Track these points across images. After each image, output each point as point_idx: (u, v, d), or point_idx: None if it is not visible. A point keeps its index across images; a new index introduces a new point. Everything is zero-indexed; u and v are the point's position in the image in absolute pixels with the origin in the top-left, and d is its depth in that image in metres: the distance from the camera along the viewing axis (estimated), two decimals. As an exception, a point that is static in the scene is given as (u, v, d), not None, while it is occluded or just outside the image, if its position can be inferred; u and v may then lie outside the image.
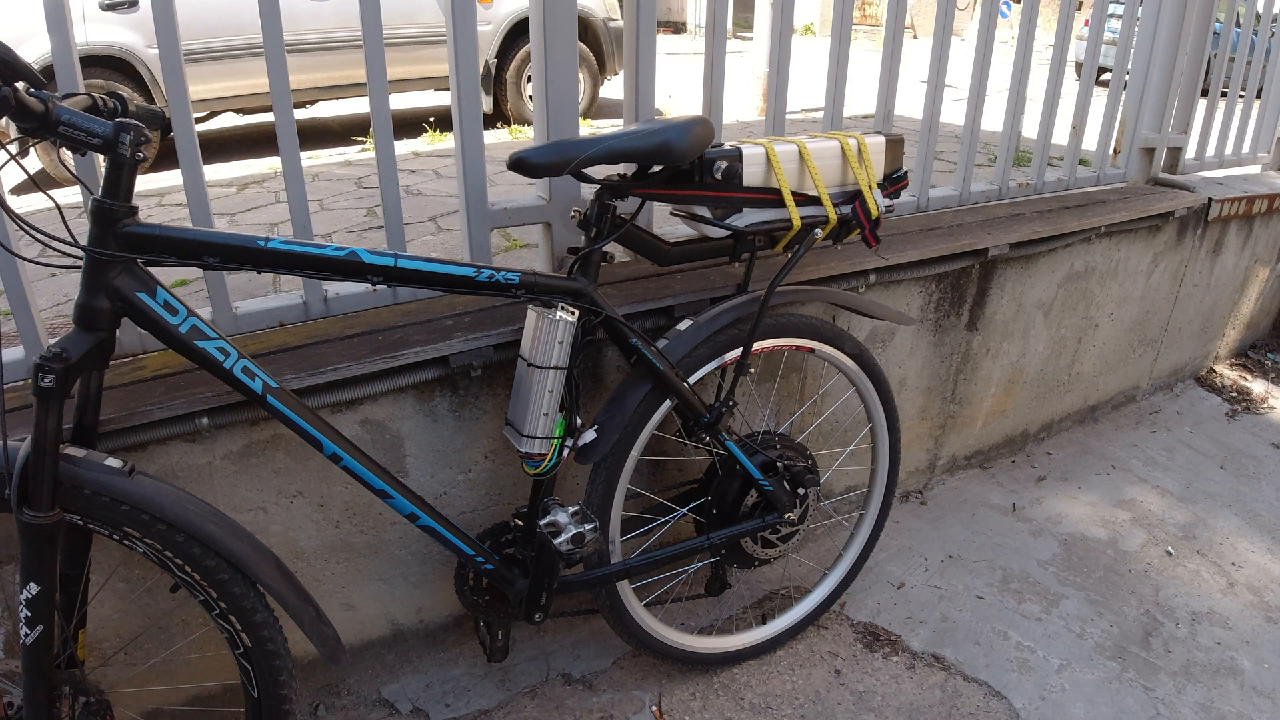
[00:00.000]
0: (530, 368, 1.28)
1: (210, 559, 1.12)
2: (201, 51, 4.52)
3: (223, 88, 4.66)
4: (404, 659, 1.70)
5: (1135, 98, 2.59)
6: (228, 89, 4.68)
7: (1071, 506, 2.31)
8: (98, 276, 1.04)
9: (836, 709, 1.65)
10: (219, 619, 1.16)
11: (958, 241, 1.93)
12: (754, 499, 1.56)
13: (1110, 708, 1.68)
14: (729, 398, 1.46)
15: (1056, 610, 1.93)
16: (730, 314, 1.47)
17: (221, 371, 1.11)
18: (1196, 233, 2.64)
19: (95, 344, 1.05)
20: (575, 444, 1.34)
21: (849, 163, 1.47)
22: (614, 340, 1.42)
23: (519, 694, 1.66)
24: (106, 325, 1.06)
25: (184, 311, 1.09)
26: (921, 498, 2.32)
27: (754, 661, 1.75)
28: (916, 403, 2.17)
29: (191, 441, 1.33)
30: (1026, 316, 2.28)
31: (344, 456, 1.19)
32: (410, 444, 1.49)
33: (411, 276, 1.18)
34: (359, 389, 1.38)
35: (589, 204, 1.32)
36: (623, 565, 1.45)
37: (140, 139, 0.99)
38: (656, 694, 1.66)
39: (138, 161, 1.00)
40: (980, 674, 1.74)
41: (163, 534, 1.09)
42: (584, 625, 1.84)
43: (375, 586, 1.59)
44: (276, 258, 1.11)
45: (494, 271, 1.23)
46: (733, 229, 1.37)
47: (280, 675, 1.20)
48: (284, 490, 1.42)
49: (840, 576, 1.81)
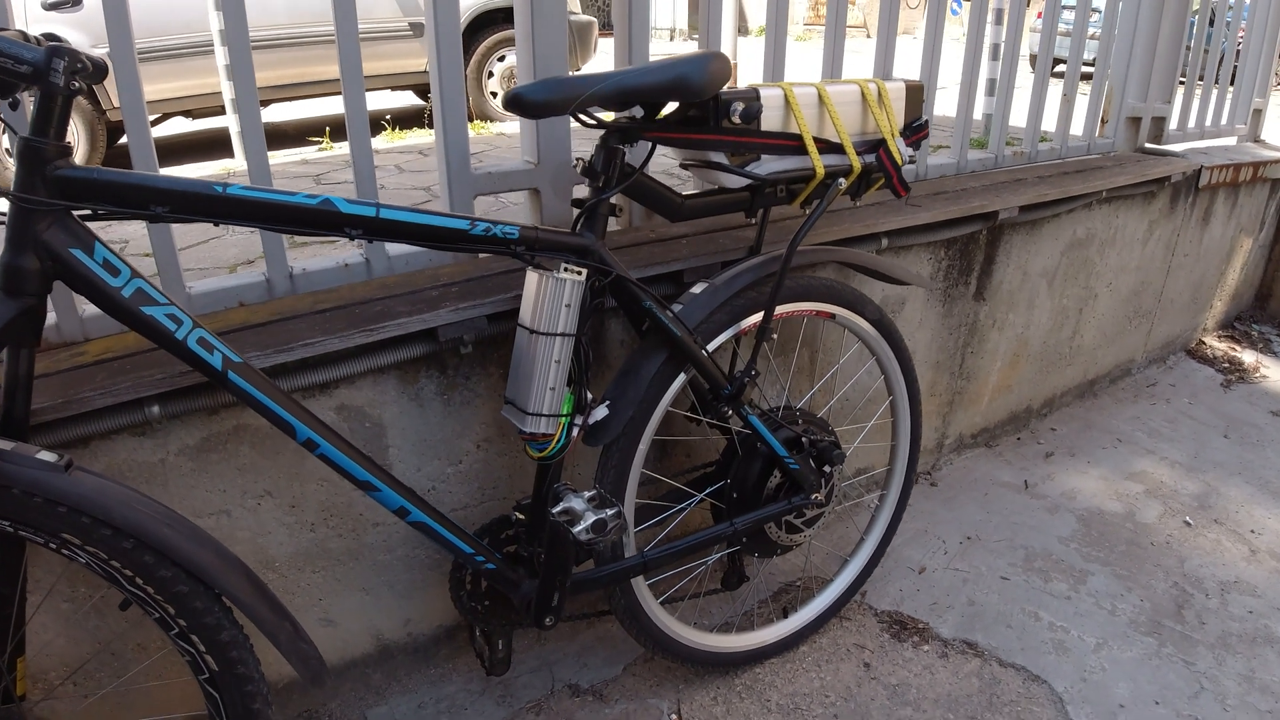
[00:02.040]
0: (533, 335, 1.13)
1: (165, 569, 0.94)
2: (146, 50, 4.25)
3: (171, 88, 4.38)
4: (391, 677, 1.51)
5: (1121, 66, 2.54)
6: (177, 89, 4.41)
7: (1083, 481, 2.23)
8: (24, 230, 0.87)
9: (870, 705, 1.52)
10: (178, 639, 0.98)
11: (968, 204, 1.83)
12: (778, 480, 1.43)
13: (1153, 685, 1.58)
14: (751, 366, 1.32)
15: (1085, 587, 1.83)
16: (749, 275, 1.34)
17: (173, 343, 0.94)
18: (1188, 201, 2.60)
19: (21, 312, 0.88)
20: (585, 422, 1.19)
21: (869, 108, 1.35)
22: (623, 306, 1.27)
23: (522, 709, 1.49)
24: (35, 290, 0.89)
25: (127, 272, 0.91)
26: (931, 479, 2.21)
27: (776, 660, 1.61)
28: (925, 378, 2.06)
29: (141, 435, 1.14)
30: (1031, 286, 2.20)
31: (321, 443, 1.03)
32: (394, 433, 1.32)
33: (396, 229, 1.02)
34: (334, 369, 1.20)
35: (594, 150, 1.18)
36: (640, 558, 1.30)
37: (76, 67, 0.84)
38: (675, 701, 1.51)
39: (72, 94, 0.85)
40: (1016, 658, 1.63)
41: (107, 540, 0.91)
42: (588, 630, 1.68)
43: (357, 598, 1.41)
44: (237, 207, 0.94)
45: (490, 225, 1.08)
46: (754, 176, 1.23)
47: (253, 703, 1.02)
48: (250, 490, 1.24)
49: (863, 562, 1.69)
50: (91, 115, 4.08)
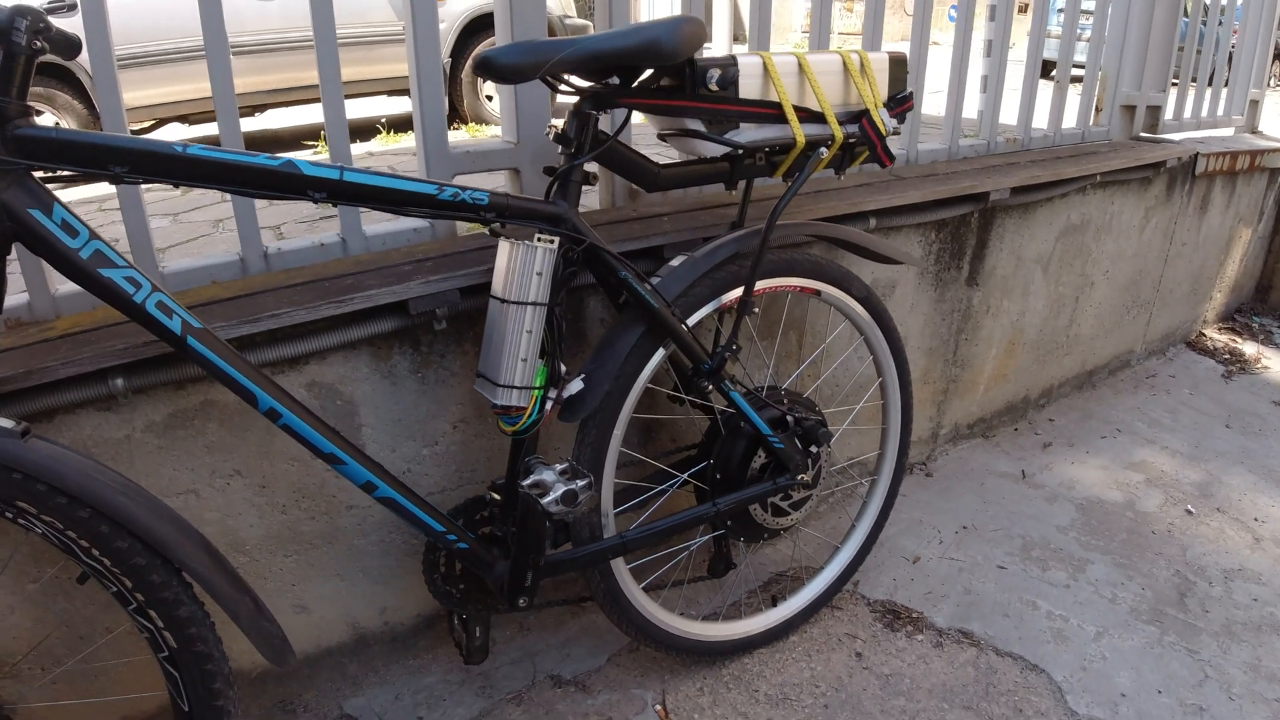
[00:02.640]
0: (504, 305, 1.10)
1: (122, 539, 0.91)
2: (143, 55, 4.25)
3: (166, 93, 4.39)
4: (369, 668, 1.47)
5: (1115, 54, 2.52)
6: (172, 94, 4.41)
7: (1082, 471, 2.18)
8: None
9: (862, 695, 1.47)
10: (136, 615, 0.95)
11: (958, 184, 1.80)
12: (762, 460, 1.39)
13: (1156, 674, 1.53)
14: (732, 341, 1.29)
15: (1084, 576, 1.78)
16: (730, 247, 1.30)
17: (131, 307, 0.91)
18: (1185, 188, 2.57)
19: None
20: (559, 396, 1.16)
21: (852, 78, 1.32)
22: (599, 279, 1.24)
23: (503, 700, 1.45)
24: None
25: (86, 233, 0.89)
26: (926, 469, 2.17)
27: (765, 650, 1.57)
28: (919, 365, 2.03)
29: (106, 410, 1.11)
30: (1026, 271, 2.16)
31: (284, 413, 0.99)
32: (366, 411, 1.29)
33: (361, 193, 1.00)
34: (304, 342, 1.17)
35: (567, 117, 1.15)
36: (618, 539, 1.26)
37: (39, 26, 0.82)
38: (660, 692, 1.47)
39: (35, 53, 0.83)
40: (1014, 647, 1.58)
41: (63, 509, 0.89)
42: (573, 621, 1.64)
43: (332, 584, 1.37)
44: (197, 167, 0.92)
45: (458, 190, 1.05)
46: (732, 144, 1.21)
47: (213, 682, 0.99)
48: (218, 469, 1.21)
49: (855, 549, 1.65)
50: (86, 117, 4.08)
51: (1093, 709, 1.45)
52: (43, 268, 1.16)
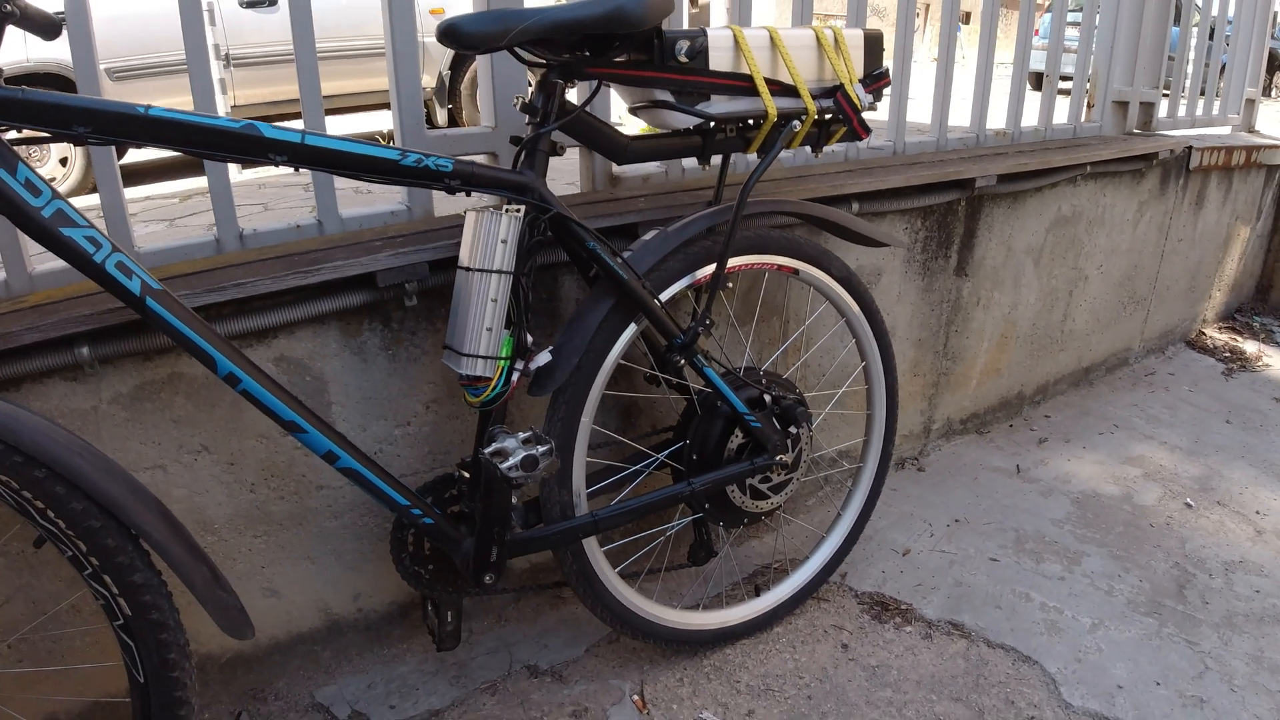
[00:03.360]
0: (469, 273, 1.09)
1: (77, 501, 0.90)
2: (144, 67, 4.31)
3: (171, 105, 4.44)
4: (341, 656, 1.45)
5: (1105, 49, 2.51)
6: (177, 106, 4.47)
7: (1079, 466, 2.14)
8: None
9: (848, 686, 1.43)
10: (91, 580, 0.93)
11: (943, 170, 1.79)
12: (740, 440, 1.36)
13: (1154, 665, 1.48)
14: (705, 315, 1.27)
15: (1079, 568, 1.74)
16: (703, 222, 1.29)
17: (91, 266, 0.91)
18: (1179, 183, 2.55)
19: None
20: (526, 367, 1.14)
21: (826, 54, 1.32)
22: (570, 253, 1.23)
23: (476, 690, 1.42)
24: None
25: (48, 193, 0.90)
26: (918, 464, 2.13)
27: (749, 641, 1.53)
28: (908, 356, 2.00)
29: (73, 380, 1.10)
30: (1016, 263, 2.14)
31: (243, 378, 0.98)
32: (336, 389, 1.27)
33: (323, 157, 0.99)
34: (271, 314, 1.16)
35: (533, 87, 1.15)
36: (590, 517, 1.24)
37: None
38: (638, 682, 1.43)
39: (5, 16, 0.84)
40: (1005, 639, 1.54)
41: (18, 468, 0.88)
42: (551, 612, 1.60)
43: (302, 567, 1.35)
44: (159, 129, 0.92)
45: (422, 156, 1.05)
46: (703, 115, 1.20)
47: (169, 653, 0.96)
48: (186, 444, 1.19)
49: (841, 538, 1.61)
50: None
51: (1088, 701, 1.40)
52: (20, 246, 1.16)
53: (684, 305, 1.48)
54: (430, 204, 1.42)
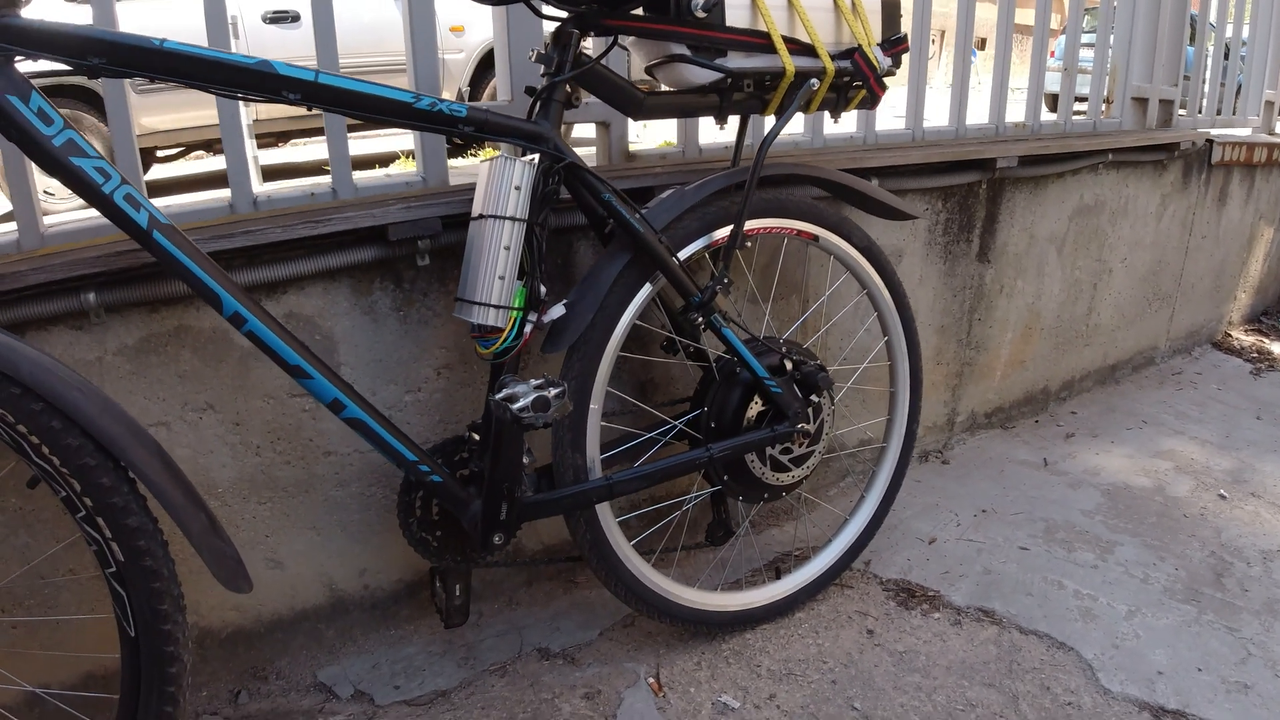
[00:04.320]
0: (482, 220, 1.06)
1: (73, 437, 0.87)
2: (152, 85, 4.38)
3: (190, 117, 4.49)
4: (346, 636, 1.40)
5: (1123, 44, 2.49)
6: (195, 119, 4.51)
7: (1107, 459, 2.07)
8: None
9: (874, 671, 1.37)
10: (85, 523, 0.90)
11: (963, 149, 1.76)
12: (759, 408, 1.32)
13: (1194, 651, 1.41)
14: (723, 274, 1.24)
15: (1112, 557, 1.67)
16: (719, 181, 1.26)
17: (99, 197, 0.90)
18: (1201, 177, 2.51)
19: None
20: (540, 320, 1.11)
21: (843, 16, 1.30)
22: (584, 210, 1.21)
23: (485, 671, 1.36)
24: None
25: (60, 123, 0.89)
26: (942, 457, 2.07)
27: (768, 626, 1.47)
28: (931, 343, 1.95)
29: (78, 329, 1.08)
30: (1039, 251, 2.10)
31: (249, 319, 0.95)
32: (346, 349, 1.25)
33: (336, 96, 0.98)
34: (280, 266, 1.14)
35: (549, 38, 1.13)
36: (604, 480, 1.19)
37: None
38: (654, 665, 1.37)
39: None
40: (1039, 625, 1.47)
41: (15, 400, 0.85)
42: (564, 596, 1.55)
43: (307, 538, 1.31)
44: (173, 61, 0.91)
45: (436, 100, 1.03)
46: (722, 69, 1.18)
47: (161, 603, 0.92)
48: (190, 402, 1.17)
49: (865, 521, 1.55)
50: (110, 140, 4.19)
51: (1127, 686, 1.33)
52: (34, 203, 1.15)
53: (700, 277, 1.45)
54: (445, 174, 1.40)
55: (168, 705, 0.95)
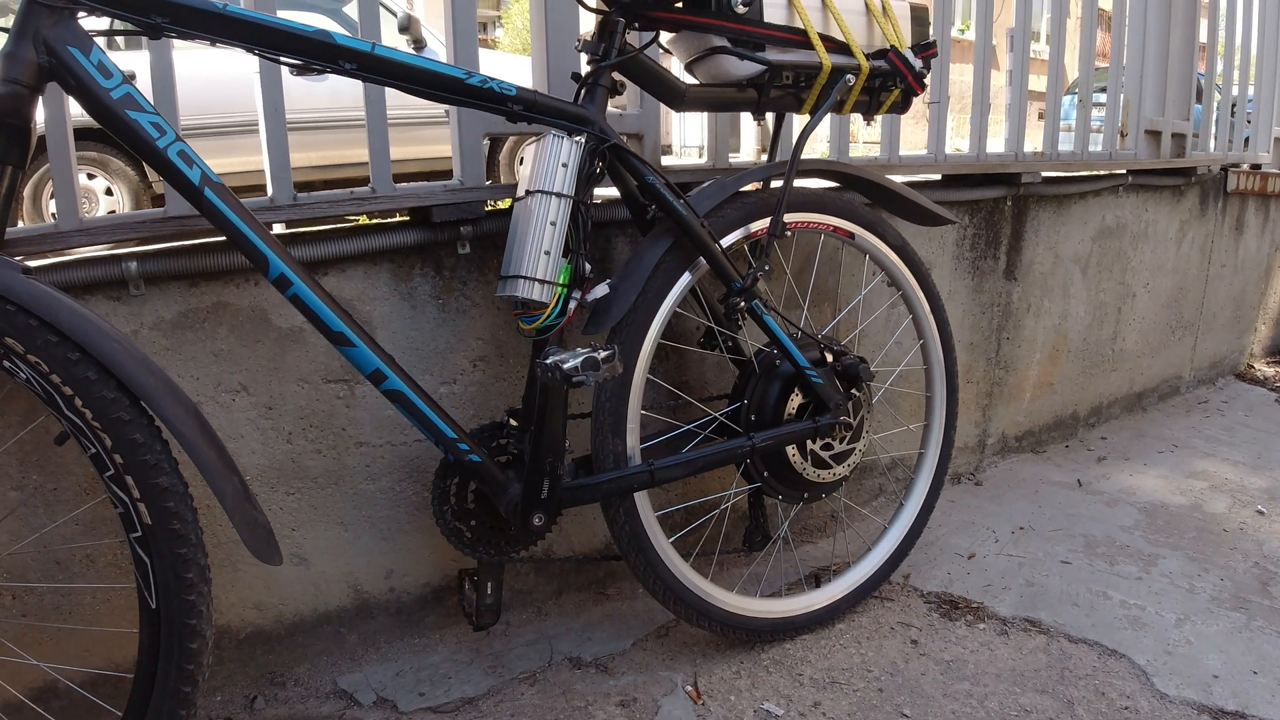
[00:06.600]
0: (529, 196, 1.07)
1: (108, 388, 0.85)
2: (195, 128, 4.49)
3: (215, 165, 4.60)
4: (368, 642, 1.34)
5: (1135, 79, 2.55)
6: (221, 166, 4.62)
7: (1142, 480, 2.03)
8: (29, 22, 0.86)
9: (921, 679, 1.30)
10: (113, 483, 0.87)
11: (987, 162, 1.78)
12: (800, 401, 1.30)
13: (1249, 655, 1.35)
14: (764, 262, 1.23)
15: (1156, 569, 1.61)
16: (759, 173, 1.28)
17: (152, 152, 0.91)
18: (1218, 205, 2.53)
19: (8, 95, 0.84)
20: (583, 298, 1.10)
21: (875, 19, 1.33)
22: (625, 197, 1.22)
23: (514, 680, 1.30)
24: (28, 78, 0.86)
25: (119, 77, 0.91)
26: (975, 478, 2.03)
27: (809, 636, 1.41)
28: (961, 360, 1.92)
29: (116, 300, 1.07)
30: (1065, 271, 2.10)
31: (295, 281, 0.95)
32: (383, 334, 1.23)
33: (390, 69, 0.99)
34: (322, 245, 1.14)
35: (594, 27, 1.16)
36: (645, 467, 1.16)
37: None
38: (691, 674, 1.31)
39: None
40: (1088, 634, 1.41)
41: (52, 348, 0.84)
42: (595, 607, 1.50)
43: (334, 533, 1.27)
44: (234, 26, 0.94)
45: (486, 77, 1.04)
46: (763, 60, 1.20)
47: (187, 571, 0.88)
48: (224, 382, 1.15)
49: (904, 529, 1.51)
50: (138, 185, 4.27)
51: (1184, 690, 1.27)
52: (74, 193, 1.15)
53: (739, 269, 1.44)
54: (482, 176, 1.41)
55: (186, 685, 0.90)
